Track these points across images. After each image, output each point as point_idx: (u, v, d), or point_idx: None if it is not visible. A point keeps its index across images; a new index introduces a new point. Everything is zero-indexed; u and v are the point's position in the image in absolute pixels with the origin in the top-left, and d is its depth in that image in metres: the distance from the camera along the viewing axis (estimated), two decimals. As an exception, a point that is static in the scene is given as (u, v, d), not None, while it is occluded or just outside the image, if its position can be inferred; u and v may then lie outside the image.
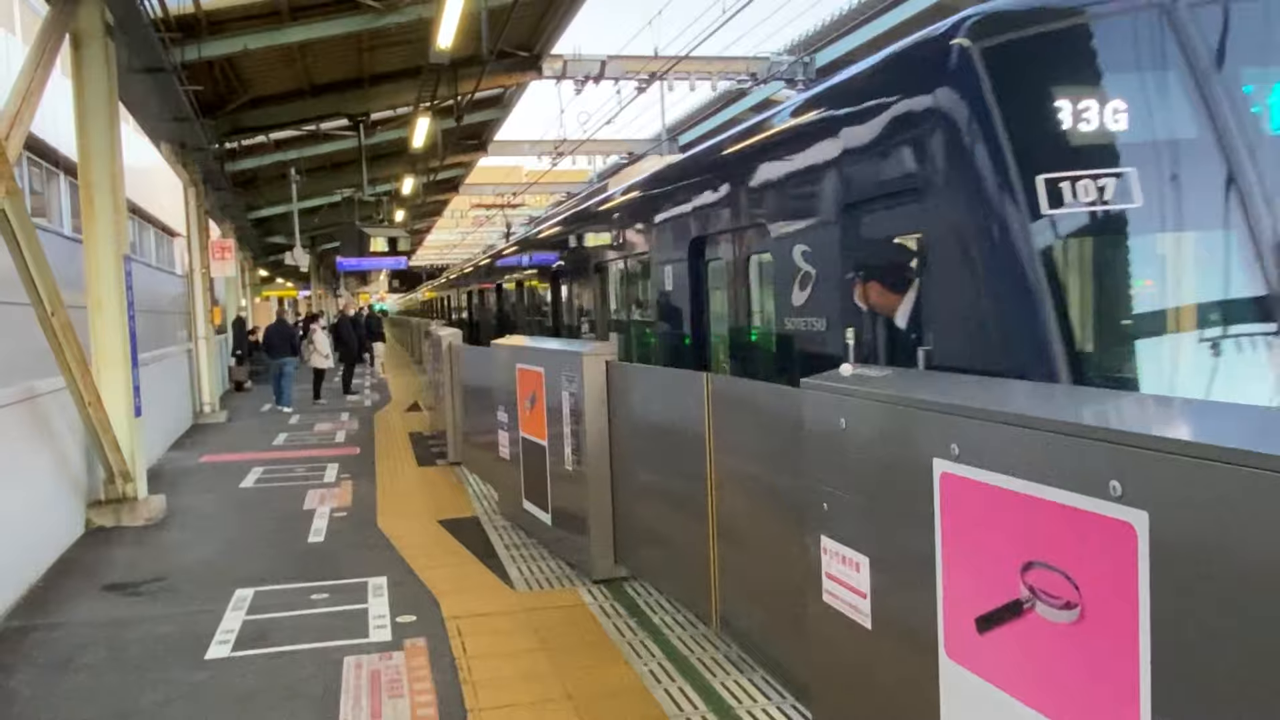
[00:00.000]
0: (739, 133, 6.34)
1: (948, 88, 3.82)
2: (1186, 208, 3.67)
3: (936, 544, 2.69)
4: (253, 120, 15.62)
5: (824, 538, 3.35)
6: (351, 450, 12.30)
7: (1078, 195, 3.57)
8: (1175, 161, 3.66)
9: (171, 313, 18.58)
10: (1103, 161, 3.61)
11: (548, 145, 24.08)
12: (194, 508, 9.10)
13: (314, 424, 15.14)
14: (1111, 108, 3.66)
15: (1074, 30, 3.79)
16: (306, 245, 28.35)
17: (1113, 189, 3.59)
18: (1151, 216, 3.63)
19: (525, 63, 15.97)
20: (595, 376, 5.93)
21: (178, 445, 13.37)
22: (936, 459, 2.67)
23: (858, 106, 4.64)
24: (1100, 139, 3.64)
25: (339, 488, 9.76)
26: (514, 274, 15.56)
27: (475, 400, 9.55)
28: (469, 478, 10.03)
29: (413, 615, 5.61)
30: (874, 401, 3.02)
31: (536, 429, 6.85)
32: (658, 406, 5.40)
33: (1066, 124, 3.64)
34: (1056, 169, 3.58)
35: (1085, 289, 3.69)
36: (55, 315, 7.14)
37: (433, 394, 13.61)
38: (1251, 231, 3.60)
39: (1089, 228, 3.63)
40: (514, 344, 7.74)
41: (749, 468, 4.36)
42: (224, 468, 11.33)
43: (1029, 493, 2.31)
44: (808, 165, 5.01)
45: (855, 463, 3.14)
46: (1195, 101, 3.69)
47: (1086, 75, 3.71)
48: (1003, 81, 3.70)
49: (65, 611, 6.00)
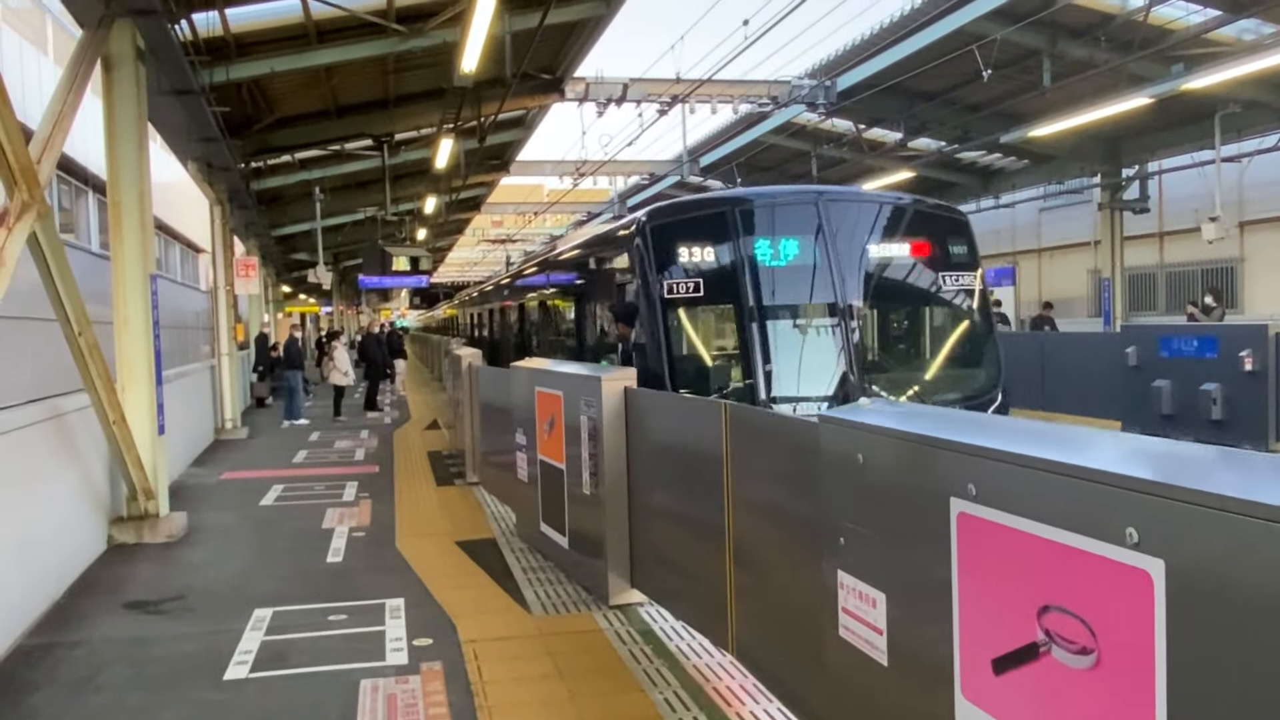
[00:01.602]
0: (579, 243, 12.07)
1: (637, 240, 8.51)
2: (741, 295, 8.16)
3: (953, 583, 2.70)
4: (278, 140, 15.82)
5: (841, 572, 3.35)
6: (370, 469, 12.37)
7: (677, 290, 8.16)
8: (728, 275, 8.21)
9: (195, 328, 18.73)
10: (688, 274, 8.22)
11: (569, 166, 24.20)
12: (214, 525, 9.17)
13: (334, 441, 15.23)
14: (699, 252, 8.23)
15: (683, 220, 8.57)
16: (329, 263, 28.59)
17: (693, 286, 8.19)
18: (714, 300, 8.25)
19: (548, 85, 16.10)
20: (614, 401, 5.96)
21: (199, 462, 13.48)
22: (954, 498, 2.67)
23: (613, 244, 9.84)
24: (690, 265, 8.23)
25: (358, 507, 9.81)
26: (520, 297, 17.38)
27: (494, 421, 9.58)
28: (487, 499, 10.06)
29: (429, 638, 5.63)
30: (892, 438, 3.03)
31: (555, 452, 6.88)
32: (675, 432, 5.42)
33: (679, 259, 8.25)
34: (671, 277, 8.20)
35: (679, 330, 8.30)
36: (83, 335, 7.24)
37: (452, 412, 13.67)
38: (762, 308, 8.14)
39: (682, 302, 8.22)
40: (534, 366, 7.78)
41: (766, 495, 4.37)
42: (244, 485, 11.42)
43: (1046, 536, 2.32)
44: (598, 269, 10.49)
45: (872, 498, 3.15)
46: (738, 251, 8.25)
47: (687, 239, 8.29)
48: (655, 240, 8.37)
49: (87, 629, 6.06)
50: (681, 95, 17.05)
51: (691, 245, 8.10)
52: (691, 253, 8.15)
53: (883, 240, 8.34)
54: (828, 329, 7.97)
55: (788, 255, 8.05)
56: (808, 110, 19.66)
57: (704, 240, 8.09)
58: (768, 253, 8.04)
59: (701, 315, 8.37)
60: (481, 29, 9.22)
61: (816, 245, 8.04)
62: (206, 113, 11.49)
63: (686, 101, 17.71)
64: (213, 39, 11.17)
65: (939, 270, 8.50)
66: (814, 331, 8.05)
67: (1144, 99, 14.97)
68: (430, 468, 12.32)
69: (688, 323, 8.27)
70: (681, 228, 8.21)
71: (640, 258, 8.21)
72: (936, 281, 8.52)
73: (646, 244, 8.20)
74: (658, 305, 7.97)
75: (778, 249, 8.03)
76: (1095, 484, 2.17)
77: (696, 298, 8.10)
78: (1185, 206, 21.45)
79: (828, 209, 8.15)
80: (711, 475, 4.71)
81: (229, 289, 17.29)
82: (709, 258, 8.10)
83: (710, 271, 8.07)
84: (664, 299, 8.00)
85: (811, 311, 8.09)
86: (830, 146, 22.63)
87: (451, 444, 13.64)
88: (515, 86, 13.61)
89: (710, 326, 8.53)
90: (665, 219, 8.41)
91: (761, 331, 7.96)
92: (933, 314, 8.86)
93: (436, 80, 14.73)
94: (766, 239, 8.02)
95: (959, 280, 8.54)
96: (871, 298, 8.29)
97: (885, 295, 8.43)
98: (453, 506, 9.78)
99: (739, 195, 8.78)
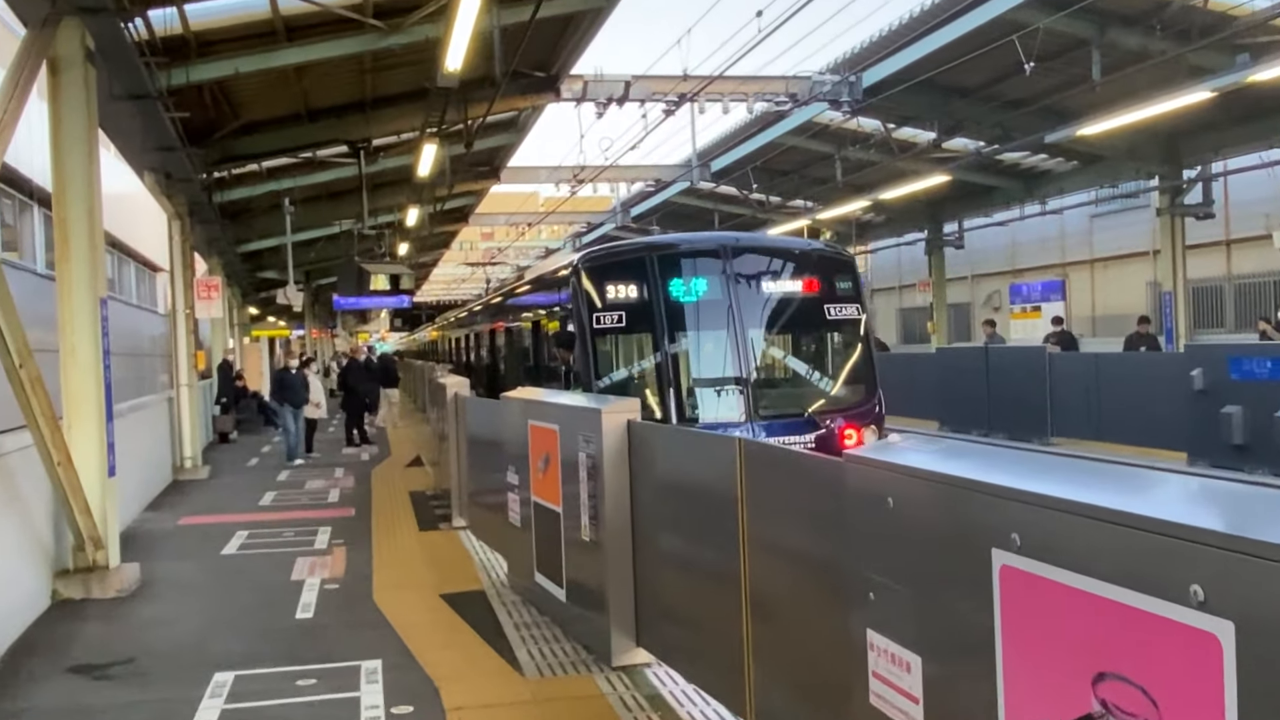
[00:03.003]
0: (534, 278, 14.68)
1: (573, 278, 10.63)
2: (659, 323, 10.31)
3: (997, 647, 2.66)
4: (244, 147, 15.91)
5: (870, 631, 3.31)
6: (346, 512, 12.34)
7: (603, 321, 10.24)
8: (647, 311, 10.31)
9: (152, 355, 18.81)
10: (615, 308, 10.25)
11: (566, 172, 24.32)
12: (171, 577, 9.14)
13: (305, 481, 15.22)
14: (623, 289, 10.32)
15: (611, 263, 10.66)
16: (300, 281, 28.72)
17: (613, 318, 10.31)
18: (638, 327, 10.39)
19: (542, 84, 16.18)
20: (616, 436, 5.94)
21: (155, 505, 13.47)
22: (996, 549, 2.64)
23: (555, 282, 12.02)
24: (616, 300, 10.29)
25: (331, 555, 9.78)
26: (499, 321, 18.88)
27: (483, 458, 9.57)
28: (475, 545, 10.03)
29: (409, 706, 5.59)
30: (925, 480, 3.00)
31: (550, 492, 6.85)
32: (685, 471, 5.40)
33: (609, 295, 10.29)
34: (601, 310, 10.26)
35: (608, 354, 10.60)
36: (24, 367, 7.25)
37: (436, 448, 13.66)
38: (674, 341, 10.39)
39: (609, 331, 10.33)
40: (526, 397, 7.78)
41: (787, 542, 4.34)
42: (205, 531, 11.40)
43: (1100, 593, 2.29)
44: (543, 302, 12.88)
45: (904, 548, 3.12)
46: (651, 289, 10.34)
47: (615, 279, 10.36)
48: (589, 278, 10.45)
49: (28, 696, 6.03)
50: (689, 94, 17.14)
51: (617, 284, 10.47)
52: (617, 290, 10.44)
53: (777, 279, 10.80)
54: (727, 355, 10.34)
55: (697, 293, 10.49)
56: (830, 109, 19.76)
57: (628, 279, 10.50)
58: (680, 290, 10.45)
59: (624, 343, 10.85)
60: (468, 23, 9.27)
61: (722, 284, 10.51)
62: (164, 118, 11.56)
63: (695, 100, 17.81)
64: (171, 38, 11.25)
65: (826, 303, 10.80)
66: (716, 355, 10.46)
67: (1205, 93, 14.98)
68: (413, 510, 12.29)
69: (611, 349, 10.90)
70: (611, 269, 10.65)
71: (577, 293, 10.64)
72: (823, 312, 10.83)
73: (580, 282, 10.64)
74: (590, 332, 10.40)
75: (689, 288, 10.47)
76: (1154, 535, 2.14)
77: (620, 328, 10.45)
78: (1254, 211, 21.46)
79: (730, 254, 10.67)
80: (725, 519, 4.68)
81: (189, 312, 17.35)
82: (631, 294, 10.44)
83: (632, 306, 10.45)
84: (594, 329, 10.43)
85: (714, 339, 10.51)
86: (856, 148, 22.71)
87: (436, 483, 13.62)
88: (506, 86, 13.68)
89: (631, 352, 10.99)
90: (598, 260, 10.93)
91: (671, 355, 10.48)
92: (819, 340, 11.44)
93: (418, 80, 14.79)
94: (679, 279, 10.52)
95: (842, 310, 10.88)
96: (767, 328, 10.75)
97: (778, 325, 10.92)
98: (437, 554, 9.74)
99: (657, 242, 11.75)
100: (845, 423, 10.36)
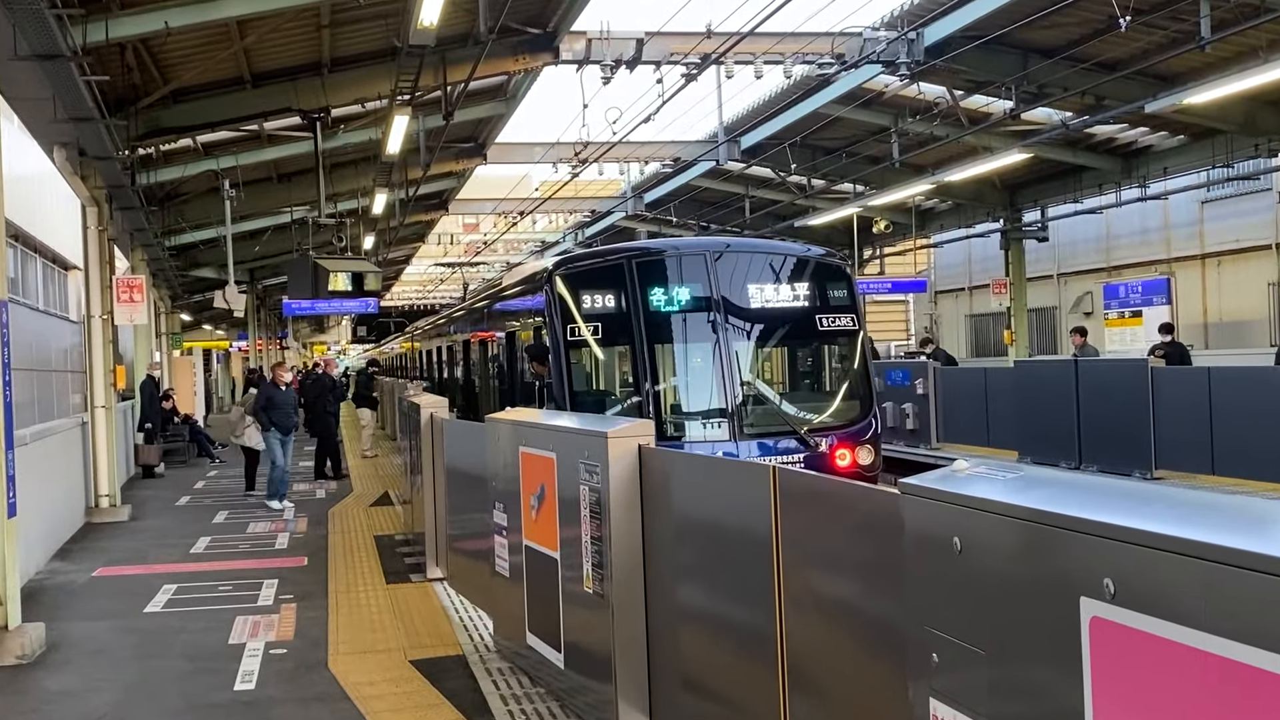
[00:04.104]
0: (507, 285, 15.78)
1: (546, 286, 11.91)
2: (639, 333, 11.52)
3: (1087, 716, 2.65)
4: (175, 118, 16.02)
5: (934, 701, 3.31)
6: (297, 561, 12.37)
7: (578, 333, 11.48)
8: (626, 322, 11.54)
9: (61, 370, 18.85)
10: (589, 319, 11.53)
11: (566, 150, 24.37)
12: (83, 640, 9.16)
13: (247, 524, 15.26)
14: (596, 298, 11.59)
15: (587, 271, 12.10)
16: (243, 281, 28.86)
17: (590, 329, 11.49)
18: (616, 340, 11.75)
19: (537, 42, 16.28)
20: (625, 464, 5.94)
21: (64, 553, 13.52)
22: (1085, 598, 2.64)
23: (527, 290, 13.41)
24: (593, 311, 11.55)
25: (278, 614, 9.80)
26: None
27: (465, 493, 9.58)
28: (454, 600, 10.04)
29: (373, 794, 5.58)
30: (998, 516, 3.00)
31: (546, 535, 6.86)
32: (708, 507, 5.40)
33: (583, 304, 11.57)
34: (576, 320, 11.51)
35: (581, 365, 12.14)
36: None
37: (408, 482, 13.68)
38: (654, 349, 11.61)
39: (583, 343, 11.63)
40: (517, 419, 7.79)
41: (831, 591, 4.33)
42: (125, 585, 11.43)
43: (1214, 651, 2.28)
44: (517, 308, 14.28)
45: (974, 599, 3.11)
46: (630, 298, 11.54)
47: (586, 286, 11.67)
48: (563, 286, 11.70)
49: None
50: (715, 54, 17.18)
51: (594, 293, 11.60)
52: (593, 300, 11.58)
53: (766, 287, 11.84)
54: (712, 369, 11.40)
55: (679, 303, 11.59)
56: (885, 72, 19.76)
57: (605, 289, 11.62)
58: (661, 300, 11.58)
59: (601, 357, 12.30)
60: (444, -32, 9.34)
61: (706, 293, 11.61)
62: (78, 82, 11.61)
63: (722, 63, 17.86)
64: (87, -15, 11.34)
65: (818, 313, 11.91)
66: (700, 369, 11.58)
67: (1341, 51, 14.96)
68: (379, 558, 12.32)
69: (588, 363, 12.34)
70: (587, 278, 11.86)
71: (550, 302, 11.80)
72: (815, 323, 11.90)
73: (553, 290, 11.76)
74: (563, 342, 11.53)
75: (670, 297, 11.59)
76: (1279, 578, 2.13)
77: (597, 341, 11.66)
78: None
79: (715, 261, 11.71)
80: (757, 566, 4.68)
81: (107, 318, 17.42)
82: (609, 304, 11.57)
83: (610, 317, 11.57)
84: (569, 339, 11.57)
85: (698, 352, 11.61)
86: (917, 120, 22.74)
87: (408, 525, 13.64)
88: (493, 45, 13.78)
89: (609, 367, 12.46)
90: (569, 267, 12.23)
91: (652, 369, 11.53)
92: (811, 352, 12.86)
93: (387, 37, 14.90)
94: (660, 288, 11.64)
95: (836, 321, 11.94)
96: (754, 340, 11.91)
97: (767, 337, 12.16)
98: (408, 611, 9.75)
99: (637, 248, 13.41)
100: (838, 441, 11.43)
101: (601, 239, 35.70)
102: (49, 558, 12.95)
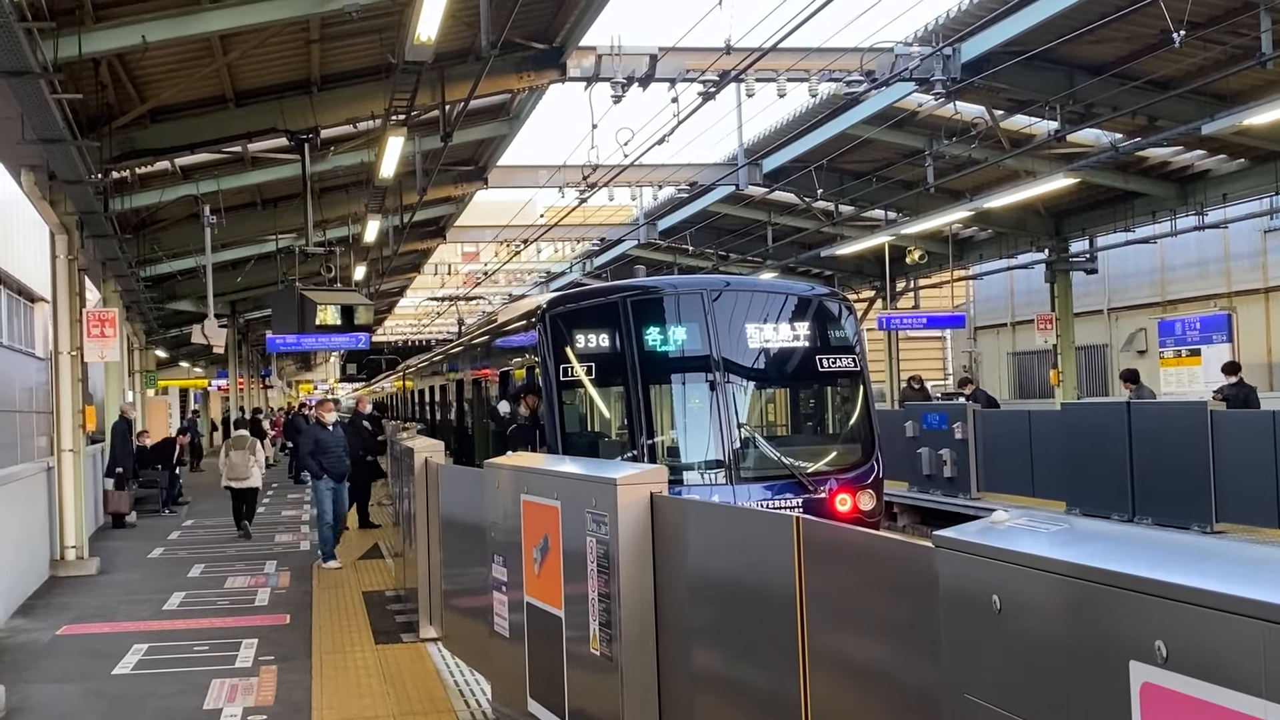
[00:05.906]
0: (501, 322, 16.53)
1: (539, 324, 12.58)
2: (632, 372, 12.18)
3: (1138, 791, 2.64)
4: (152, 140, 16.12)
5: (971, 774, 3.29)
6: (278, 619, 12.36)
7: (571, 374, 12.28)
8: (620, 362, 12.22)
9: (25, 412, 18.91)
10: (583, 358, 12.31)
11: (573, 173, 24.47)
12: (47, 704, 9.17)
13: (225, 578, 15.25)
14: (590, 337, 12.31)
15: (575, 310, 12.69)
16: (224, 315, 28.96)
17: (584, 369, 12.33)
18: (610, 380, 12.52)
19: (542, 58, 16.39)
20: (635, 514, 5.93)
21: (27, 609, 13.53)
22: (1134, 662, 2.63)
23: (520, 328, 14.26)
24: (584, 349, 12.28)
25: (257, 678, 9.79)
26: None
27: (462, 545, 9.58)
28: (449, 662, 10.02)
29: None
30: (1041, 573, 3.00)
31: (549, 592, 6.85)
32: (725, 561, 5.38)
33: (577, 344, 12.28)
34: (569, 360, 12.28)
35: (574, 405, 13.02)
36: None
37: (400, 533, 13.68)
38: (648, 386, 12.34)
39: (577, 384, 12.52)
40: (518, 464, 7.79)
41: (860, 653, 4.32)
42: (92, 644, 11.44)
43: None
44: (509, 346, 15.20)
45: (1016, 663, 3.11)
46: (625, 338, 12.21)
47: (580, 325, 12.35)
48: (555, 325, 12.41)
49: None
50: (735, 71, 17.26)
51: (587, 332, 12.28)
52: (587, 339, 12.25)
53: (765, 326, 12.48)
54: (708, 409, 12.06)
55: (675, 342, 12.29)
56: (919, 90, 19.84)
57: (599, 328, 12.30)
58: (657, 339, 12.25)
59: (595, 398, 13.09)
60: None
61: (704, 333, 12.25)
62: (48, 101, 11.72)
63: (742, 80, 17.92)
64: (59, -2, 11.46)
65: (819, 353, 12.55)
66: (696, 411, 12.29)
67: None
68: (367, 616, 12.32)
69: (582, 404, 13.21)
70: (580, 316, 12.51)
71: (544, 340, 12.49)
72: (815, 362, 12.55)
73: (546, 329, 12.43)
74: (555, 382, 12.27)
75: (666, 336, 12.28)
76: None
77: (591, 381, 12.46)
78: None
79: (712, 299, 12.36)
80: (779, 625, 4.66)
81: (76, 354, 17.47)
82: (603, 344, 12.26)
83: (604, 357, 12.28)
84: (562, 379, 12.29)
85: (695, 393, 12.34)
86: (953, 142, 22.79)
87: (399, 580, 13.62)
88: (495, 61, 13.86)
89: (603, 408, 13.22)
90: (562, 306, 12.91)
91: (647, 410, 12.24)
92: (811, 393, 13.68)
93: (381, 53, 15.02)
94: (656, 327, 12.31)
95: (837, 361, 12.63)
96: (752, 380, 12.61)
97: (765, 377, 12.84)
98: (399, 674, 9.74)
99: (632, 285, 13.54)
100: (839, 486, 11.94)
101: (611, 270, 35.73)
102: (10, 614, 12.96)
